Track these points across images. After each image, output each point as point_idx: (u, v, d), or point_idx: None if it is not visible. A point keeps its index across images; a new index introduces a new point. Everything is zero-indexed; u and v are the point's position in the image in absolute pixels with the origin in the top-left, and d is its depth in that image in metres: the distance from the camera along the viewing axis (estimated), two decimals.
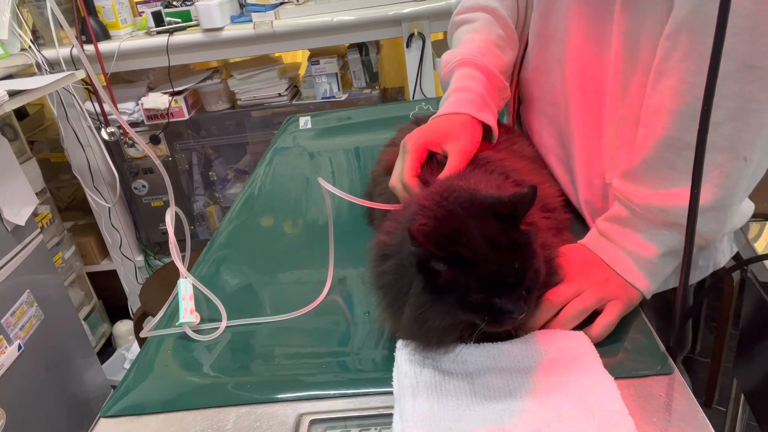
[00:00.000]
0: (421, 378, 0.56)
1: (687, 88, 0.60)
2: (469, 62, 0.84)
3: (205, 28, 1.99)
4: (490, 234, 0.52)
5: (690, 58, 0.59)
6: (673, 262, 0.66)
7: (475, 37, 0.87)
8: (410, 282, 0.55)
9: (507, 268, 0.52)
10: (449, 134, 0.76)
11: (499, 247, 0.52)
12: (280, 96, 2.22)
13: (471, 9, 0.92)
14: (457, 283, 0.52)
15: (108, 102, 1.07)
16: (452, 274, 0.52)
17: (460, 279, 0.52)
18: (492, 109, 0.81)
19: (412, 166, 0.74)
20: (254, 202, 1.08)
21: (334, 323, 0.71)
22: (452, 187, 0.60)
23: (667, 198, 0.63)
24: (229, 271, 0.87)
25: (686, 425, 0.51)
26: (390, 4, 1.96)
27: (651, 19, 0.66)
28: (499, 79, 0.85)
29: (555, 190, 0.80)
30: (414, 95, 2.07)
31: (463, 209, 0.55)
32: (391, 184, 0.76)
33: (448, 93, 0.82)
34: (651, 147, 0.64)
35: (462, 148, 0.74)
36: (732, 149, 0.59)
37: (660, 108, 0.63)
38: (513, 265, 0.52)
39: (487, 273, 0.52)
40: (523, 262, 0.52)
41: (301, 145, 1.30)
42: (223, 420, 0.59)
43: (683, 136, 0.61)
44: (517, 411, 0.52)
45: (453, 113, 0.78)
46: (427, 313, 0.54)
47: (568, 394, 0.53)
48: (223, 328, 0.72)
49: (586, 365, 0.56)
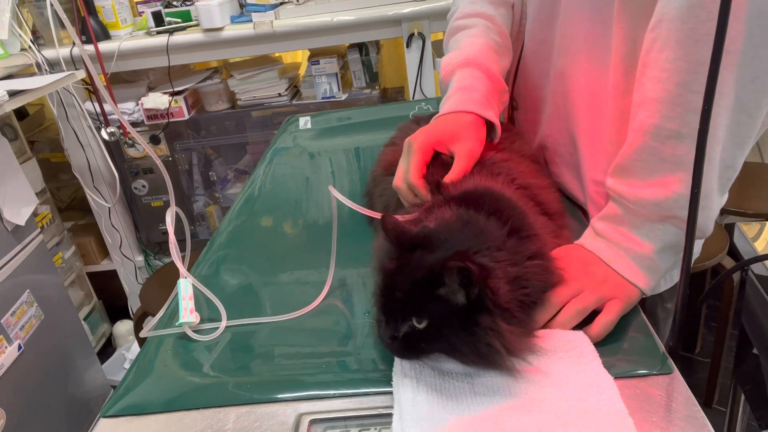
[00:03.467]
0: (421, 378, 0.56)
1: (667, 75, 0.60)
2: (472, 63, 0.84)
3: (205, 28, 1.99)
4: (397, 261, 0.57)
5: (668, 46, 0.60)
6: (670, 257, 0.66)
7: (475, 41, 0.88)
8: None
9: (388, 295, 0.56)
10: (456, 135, 0.76)
11: (393, 274, 0.56)
12: (280, 96, 2.22)
13: (468, 15, 0.92)
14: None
15: (109, 101, 1.07)
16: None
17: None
18: (495, 109, 0.81)
19: (418, 167, 0.74)
20: (254, 202, 1.08)
21: (334, 323, 0.71)
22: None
23: (657, 190, 0.63)
24: (229, 271, 0.87)
25: (686, 425, 0.51)
26: (390, 4, 1.96)
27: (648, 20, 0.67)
28: (501, 82, 0.85)
29: (555, 196, 0.81)
30: (414, 95, 2.07)
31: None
32: (395, 184, 0.76)
33: (452, 91, 0.82)
34: (637, 138, 0.64)
35: (469, 150, 0.74)
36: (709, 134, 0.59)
37: (644, 98, 0.63)
38: (394, 294, 0.55)
39: (378, 291, 0.58)
40: (410, 295, 0.55)
41: (301, 145, 1.30)
42: (223, 420, 0.59)
43: (666, 124, 0.61)
44: (516, 411, 0.52)
45: (459, 111, 0.78)
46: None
47: (567, 394, 0.53)
48: (223, 328, 0.72)
49: (585, 365, 0.56)
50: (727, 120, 0.60)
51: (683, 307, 0.59)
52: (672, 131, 0.61)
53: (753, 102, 0.59)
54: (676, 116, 0.60)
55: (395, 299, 0.56)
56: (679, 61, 0.59)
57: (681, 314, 0.59)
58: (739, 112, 0.60)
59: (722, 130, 0.60)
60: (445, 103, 0.82)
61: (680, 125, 0.60)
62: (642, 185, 0.64)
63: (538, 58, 0.91)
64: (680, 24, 0.58)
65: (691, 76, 0.59)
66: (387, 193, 0.82)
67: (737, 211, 1.76)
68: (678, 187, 0.62)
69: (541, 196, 0.74)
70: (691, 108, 0.59)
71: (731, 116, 0.60)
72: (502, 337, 0.53)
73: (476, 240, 0.57)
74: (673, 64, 0.60)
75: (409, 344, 0.56)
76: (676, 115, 0.60)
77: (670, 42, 0.60)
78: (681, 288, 0.58)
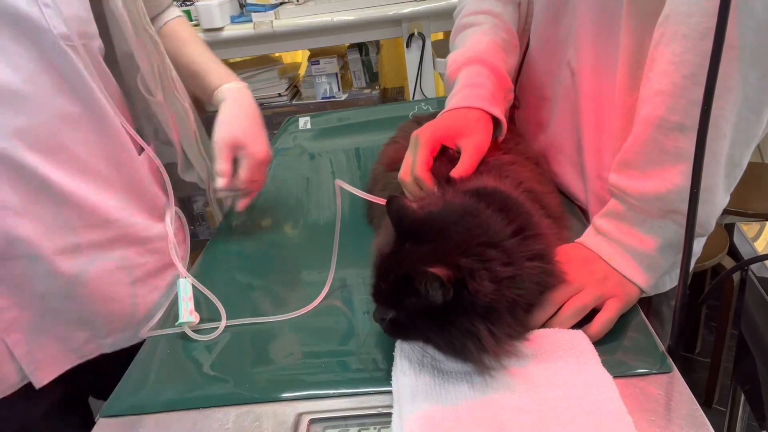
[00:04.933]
0: (421, 377, 0.56)
1: (673, 67, 0.60)
2: (479, 61, 0.84)
3: (205, 28, 1.99)
4: (392, 248, 0.59)
5: (675, 39, 0.60)
6: (671, 255, 0.66)
7: (483, 39, 0.88)
8: None
9: (376, 283, 0.60)
10: (464, 130, 0.76)
11: (383, 262, 0.59)
12: (280, 96, 2.22)
13: (476, 12, 0.92)
14: None
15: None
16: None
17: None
18: (501, 107, 0.81)
19: (424, 160, 0.73)
20: (254, 202, 1.08)
21: (334, 323, 0.71)
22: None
23: (658, 183, 0.63)
24: (228, 271, 0.87)
25: (686, 425, 0.51)
26: (390, 4, 1.96)
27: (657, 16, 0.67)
28: (507, 81, 0.85)
29: (558, 201, 0.81)
30: (414, 95, 2.07)
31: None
32: (400, 177, 0.75)
33: (459, 88, 0.82)
34: (640, 130, 0.64)
35: (476, 145, 0.74)
36: (714, 127, 0.59)
37: (650, 91, 0.63)
38: (380, 284, 0.59)
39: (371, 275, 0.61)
40: (392, 289, 0.57)
41: (301, 145, 1.30)
42: (222, 420, 0.59)
43: (670, 116, 0.61)
44: (516, 411, 0.52)
45: (467, 107, 0.78)
46: None
47: (566, 393, 0.53)
48: (223, 327, 0.72)
49: (584, 364, 0.56)
50: (734, 117, 0.60)
51: (683, 307, 0.59)
52: (675, 123, 0.61)
53: (760, 100, 0.59)
54: (681, 108, 0.60)
55: (381, 288, 0.59)
56: (686, 53, 0.59)
57: (681, 314, 0.59)
58: (747, 110, 0.60)
59: (730, 127, 0.60)
60: (451, 99, 0.82)
61: (683, 117, 0.60)
62: (642, 177, 0.64)
63: (544, 55, 0.91)
64: (687, 18, 0.59)
65: (697, 68, 0.59)
66: (389, 188, 0.82)
67: (737, 211, 1.76)
68: (679, 180, 0.62)
69: (545, 200, 0.74)
70: (695, 100, 0.59)
71: (738, 113, 0.60)
72: (477, 339, 0.54)
73: (472, 234, 0.57)
74: (680, 57, 0.60)
75: (395, 328, 0.60)
76: (680, 108, 0.60)
77: (678, 36, 0.60)
78: (680, 288, 0.58)
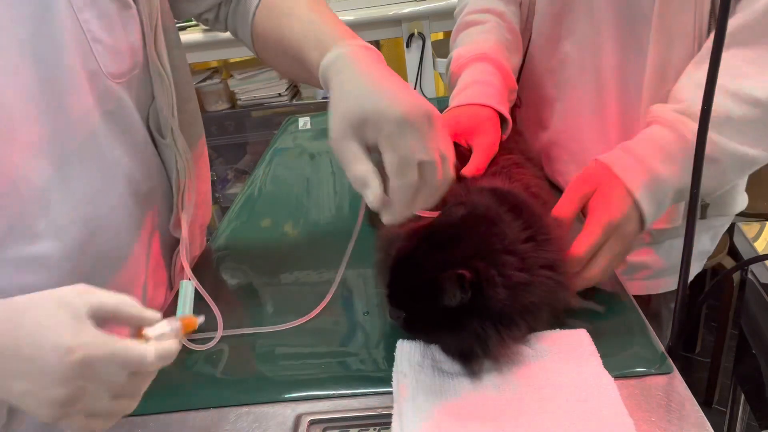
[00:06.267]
0: (421, 378, 0.56)
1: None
2: (486, 58, 0.84)
3: (205, 28, 1.99)
4: (410, 243, 0.61)
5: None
6: (672, 182, 0.66)
7: (488, 38, 0.88)
8: None
9: (392, 285, 0.61)
10: (476, 128, 0.76)
11: (400, 263, 0.61)
12: (280, 96, 2.22)
13: (479, 11, 0.92)
14: None
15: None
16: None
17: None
18: (507, 105, 0.82)
19: None
20: (254, 202, 1.08)
21: (334, 323, 0.71)
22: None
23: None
24: (228, 271, 0.87)
25: (686, 425, 0.51)
26: (390, 4, 1.96)
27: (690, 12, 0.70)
28: (512, 80, 0.86)
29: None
30: None
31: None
32: None
33: (466, 84, 0.82)
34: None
35: (489, 144, 0.74)
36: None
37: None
38: (396, 285, 0.61)
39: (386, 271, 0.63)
40: (409, 293, 0.59)
41: (301, 145, 1.30)
42: (222, 420, 0.59)
43: None
44: (516, 411, 0.52)
45: (477, 104, 0.78)
46: None
47: (567, 394, 0.53)
48: (218, 338, 0.70)
49: (585, 364, 0.56)
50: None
51: (683, 307, 0.59)
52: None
53: None
54: None
55: (397, 290, 0.60)
56: None
57: (681, 314, 0.59)
58: None
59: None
60: (458, 94, 0.82)
61: None
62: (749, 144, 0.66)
63: (546, 54, 0.91)
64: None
65: None
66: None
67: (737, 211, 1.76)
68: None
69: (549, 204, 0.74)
70: None
71: None
72: (485, 343, 0.55)
73: (491, 241, 0.58)
74: None
75: (410, 327, 0.61)
76: None
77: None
78: (680, 288, 0.58)
